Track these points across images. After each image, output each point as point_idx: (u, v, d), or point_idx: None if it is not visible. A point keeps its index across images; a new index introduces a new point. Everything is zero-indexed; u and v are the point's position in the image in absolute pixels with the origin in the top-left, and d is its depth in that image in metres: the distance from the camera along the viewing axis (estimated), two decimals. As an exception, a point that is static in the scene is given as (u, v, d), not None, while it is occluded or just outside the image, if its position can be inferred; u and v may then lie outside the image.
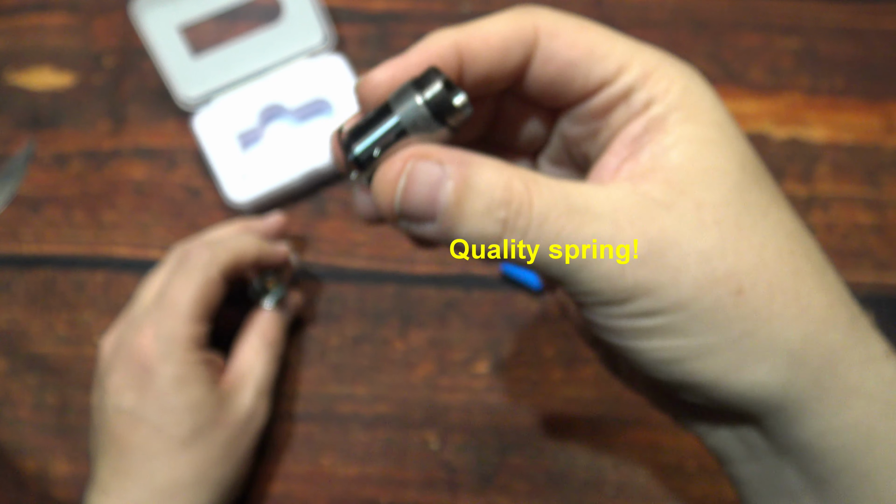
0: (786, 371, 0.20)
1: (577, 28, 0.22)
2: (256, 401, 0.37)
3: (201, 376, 0.35)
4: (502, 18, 0.22)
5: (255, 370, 0.37)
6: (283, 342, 0.40)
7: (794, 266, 0.21)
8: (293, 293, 0.40)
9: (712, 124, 0.22)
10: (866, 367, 0.21)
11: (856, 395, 0.21)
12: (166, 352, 0.34)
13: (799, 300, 0.20)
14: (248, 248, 0.38)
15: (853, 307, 0.22)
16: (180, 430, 0.34)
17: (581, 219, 0.20)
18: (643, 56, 0.22)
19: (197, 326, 0.35)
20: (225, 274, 0.36)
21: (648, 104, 0.22)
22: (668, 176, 0.21)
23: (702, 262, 0.20)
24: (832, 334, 0.21)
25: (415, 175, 0.20)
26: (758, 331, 0.20)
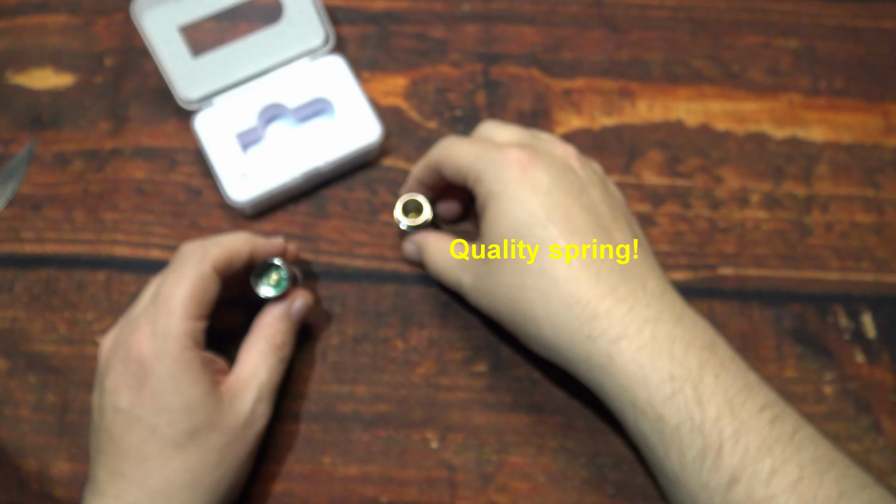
0: (545, 351, 0.37)
1: (447, 156, 0.38)
2: (257, 405, 0.37)
3: (198, 376, 0.35)
4: (425, 158, 0.41)
5: (258, 374, 0.37)
6: (290, 346, 0.39)
7: (522, 296, 0.35)
8: (300, 294, 0.40)
9: (494, 210, 0.36)
10: (574, 348, 0.34)
11: (572, 362, 0.35)
12: (162, 350, 0.34)
13: (525, 315, 0.36)
14: (242, 244, 0.37)
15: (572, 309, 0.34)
16: (174, 431, 0.34)
17: (447, 270, 0.40)
18: (474, 169, 0.37)
19: (192, 323, 0.35)
20: (218, 269, 0.36)
21: (476, 197, 0.37)
22: (479, 240, 0.38)
23: (484, 297, 0.38)
24: (549, 331, 0.35)
25: (407, 249, 0.43)
26: (519, 330, 0.37)
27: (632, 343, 0.33)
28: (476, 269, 0.38)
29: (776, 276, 0.43)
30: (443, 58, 0.48)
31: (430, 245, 0.41)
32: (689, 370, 0.32)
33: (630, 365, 0.33)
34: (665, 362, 0.33)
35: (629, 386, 0.33)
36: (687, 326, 0.34)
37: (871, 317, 0.42)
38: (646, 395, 0.33)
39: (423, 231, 0.42)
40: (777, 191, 0.45)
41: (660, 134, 0.46)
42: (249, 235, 0.38)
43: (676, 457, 0.32)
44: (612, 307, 0.34)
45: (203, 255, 0.36)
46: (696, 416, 0.32)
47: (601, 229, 0.36)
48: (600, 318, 0.34)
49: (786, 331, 0.42)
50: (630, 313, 0.34)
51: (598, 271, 0.34)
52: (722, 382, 0.32)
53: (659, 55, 0.48)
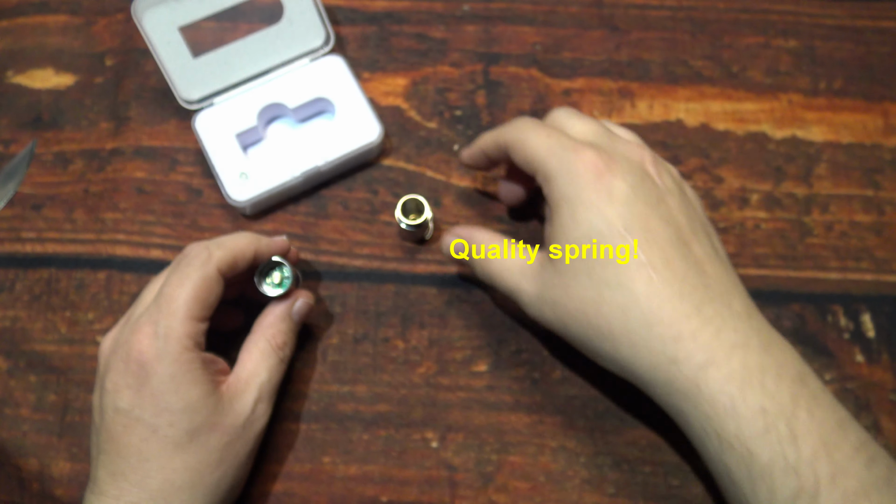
0: (613, 365, 0.35)
1: (521, 142, 0.36)
2: (257, 405, 0.36)
3: (198, 377, 0.34)
4: (496, 133, 0.39)
5: (259, 374, 0.37)
6: (291, 347, 0.39)
7: (598, 311, 0.33)
8: (302, 294, 0.40)
9: (568, 215, 0.34)
10: (654, 370, 0.33)
11: (652, 385, 0.33)
12: (163, 350, 0.34)
13: (601, 330, 0.33)
14: (246, 245, 0.37)
15: (654, 328, 0.32)
16: (175, 431, 0.34)
17: (505, 272, 0.37)
18: (546, 166, 0.35)
19: (194, 324, 0.35)
20: (222, 271, 0.36)
21: (546, 196, 0.35)
22: (547, 247, 0.35)
23: (550, 309, 0.35)
24: (626, 350, 0.33)
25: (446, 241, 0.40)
26: (586, 345, 0.35)
27: (720, 370, 0.31)
28: (542, 276, 0.35)
29: (776, 276, 0.43)
30: (443, 58, 0.48)
31: (481, 243, 0.38)
32: (782, 404, 0.30)
33: (718, 395, 0.31)
34: (756, 394, 0.30)
35: (716, 416, 0.31)
36: (776, 354, 0.32)
37: (871, 317, 0.42)
38: (734, 429, 0.30)
39: (469, 227, 0.39)
40: (777, 191, 0.45)
41: (659, 134, 0.46)
42: (254, 235, 0.38)
43: (766, 496, 0.30)
44: (697, 329, 0.31)
45: (208, 256, 0.36)
46: (791, 455, 0.29)
47: (681, 242, 0.33)
48: (685, 340, 0.31)
49: (785, 330, 0.42)
50: (717, 337, 0.31)
51: (681, 288, 0.32)
52: (816, 419, 0.30)
53: (659, 55, 0.48)
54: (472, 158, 0.41)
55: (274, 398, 0.38)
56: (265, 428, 0.37)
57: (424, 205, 0.42)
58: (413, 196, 0.42)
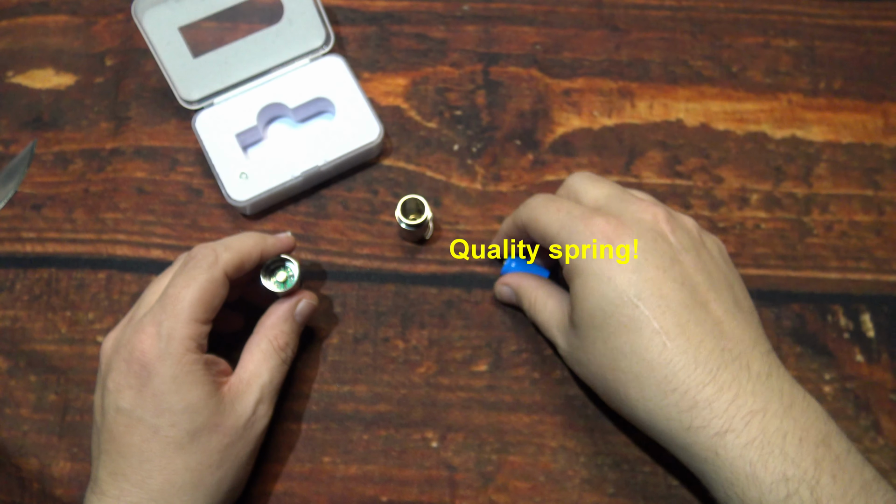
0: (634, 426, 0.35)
1: (534, 220, 0.37)
2: (258, 406, 0.36)
3: (200, 378, 0.34)
4: (511, 217, 0.39)
5: (260, 375, 0.37)
6: (293, 348, 0.39)
7: (615, 377, 0.34)
8: (305, 295, 0.40)
9: (581, 286, 0.34)
10: (672, 435, 0.33)
11: (672, 447, 0.33)
12: (165, 351, 0.34)
13: (619, 395, 0.34)
14: (252, 247, 0.37)
15: (669, 397, 0.32)
16: (176, 432, 0.34)
17: (547, 326, 0.39)
18: (560, 237, 0.35)
19: (197, 326, 0.35)
20: (229, 274, 0.36)
21: (563, 266, 0.36)
22: (572, 308, 0.35)
23: (578, 366, 0.37)
24: (641, 415, 0.33)
25: (501, 290, 0.42)
26: (610, 404, 0.36)
27: (738, 438, 0.30)
28: (569, 338, 0.36)
29: (776, 276, 0.43)
30: (443, 58, 0.48)
31: (528, 294, 0.40)
32: (805, 470, 0.30)
33: (738, 461, 0.30)
34: (777, 461, 0.30)
35: (737, 482, 0.30)
36: (797, 416, 0.31)
37: (871, 316, 0.42)
38: (757, 495, 0.30)
39: (519, 275, 0.41)
40: (776, 191, 0.45)
41: (659, 134, 0.46)
42: (260, 236, 0.38)
43: None
44: (713, 396, 0.31)
45: (215, 259, 0.36)
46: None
47: (697, 304, 0.33)
48: (700, 408, 0.31)
49: (785, 330, 0.42)
50: (734, 403, 0.31)
51: (695, 355, 0.32)
52: (840, 484, 0.30)
53: (659, 55, 0.48)
54: (500, 243, 0.41)
55: (275, 399, 0.38)
56: (266, 428, 0.37)
57: (424, 205, 0.42)
58: (413, 196, 0.42)
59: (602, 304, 0.33)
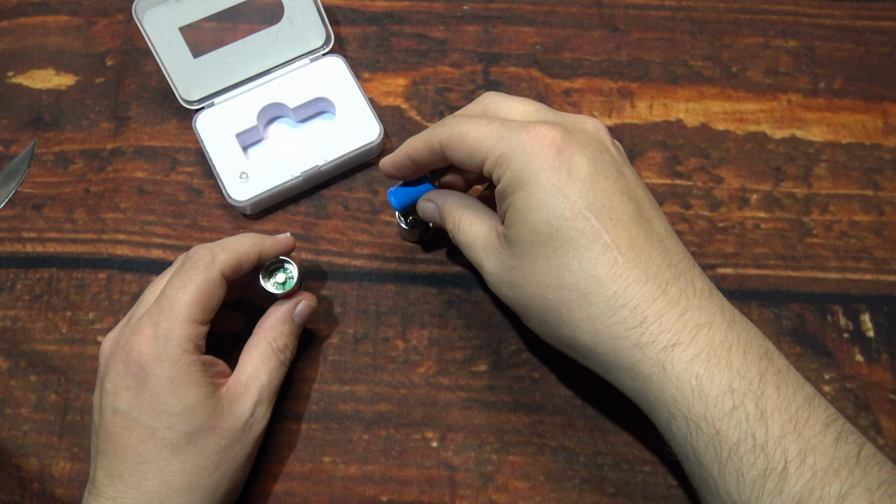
0: (570, 351, 0.34)
1: (459, 137, 0.33)
2: (256, 408, 0.36)
3: (198, 380, 0.34)
4: (424, 136, 0.35)
5: (259, 377, 0.37)
6: (292, 349, 0.39)
7: (558, 296, 0.32)
8: (304, 297, 0.39)
9: (523, 198, 0.32)
10: (617, 354, 0.31)
11: (614, 369, 0.32)
12: (162, 352, 0.34)
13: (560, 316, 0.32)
14: (250, 248, 0.37)
15: (618, 314, 0.31)
16: (172, 434, 0.34)
17: (471, 249, 0.36)
18: (496, 150, 0.32)
19: (194, 327, 0.35)
20: (226, 275, 0.36)
21: (498, 180, 0.33)
22: (505, 228, 0.33)
23: (510, 289, 0.34)
24: (585, 336, 0.32)
25: (424, 207, 0.39)
26: (543, 329, 0.34)
27: (686, 351, 0.30)
28: (501, 259, 0.33)
29: (775, 276, 0.43)
30: (443, 58, 0.48)
31: (452, 213, 0.36)
32: (750, 382, 0.29)
33: (684, 375, 0.30)
34: (723, 373, 0.29)
35: (682, 398, 0.30)
36: (740, 331, 0.31)
37: (870, 316, 0.42)
38: (702, 409, 0.29)
39: (445, 191, 0.38)
40: (776, 191, 0.45)
41: (659, 134, 0.46)
42: (258, 236, 0.38)
43: (734, 477, 0.29)
44: (662, 310, 0.30)
45: (212, 260, 0.36)
46: (759, 433, 0.29)
47: (643, 219, 0.32)
48: (650, 322, 0.30)
49: (785, 330, 0.42)
50: (682, 317, 0.30)
51: (646, 269, 0.31)
52: (784, 395, 0.29)
53: (658, 55, 0.48)
54: (395, 167, 0.37)
55: (274, 401, 0.38)
56: (264, 430, 0.37)
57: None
58: None
59: (550, 218, 0.31)
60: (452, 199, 0.37)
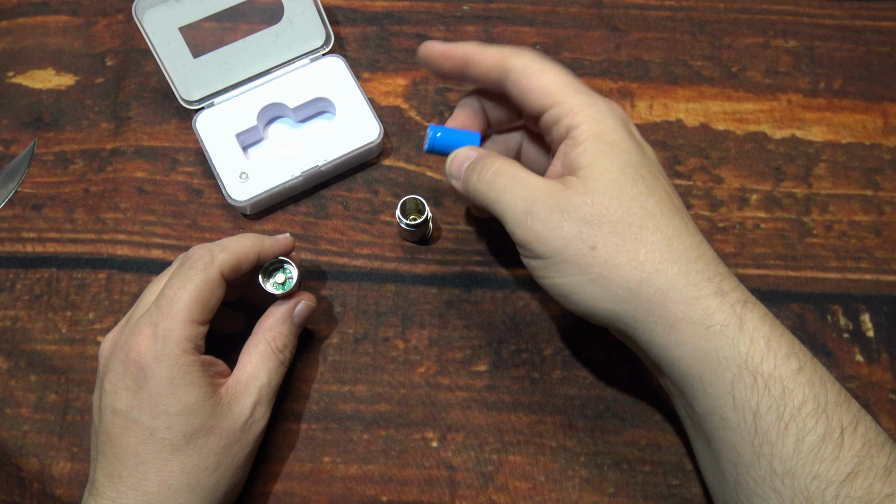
0: (627, 304, 0.32)
1: (538, 70, 0.34)
2: (256, 408, 0.36)
3: (197, 380, 0.34)
4: (497, 49, 0.35)
5: (258, 377, 0.37)
6: (291, 349, 0.39)
7: (639, 235, 0.31)
8: (304, 297, 0.39)
9: (609, 143, 0.32)
10: (692, 303, 0.31)
11: (682, 322, 0.31)
12: (161, 352, 0.34)
13: (637, 255, 0.31)
14: (250, 248, 0.37)
15: (696, 263, 0.31)
16: (172, 434, 0.34)
17: (516, 182, 0.33)
18: (573, 98, 0.33)
19: (194, 327, 0.35)
20: (225, 275, 0.36)
21: (569, 129, 0.33)
22: (575, 172, 0.33)
23: (574, 226, 0.32)
24: (661, 279, 0.31)
25: (455, 156, 0.37)
26: (608, 275, 0.31)
27: (755, 310, 0.31)
28: (570, 197, 0.32)
29: (775, 276, 0.43)
30: (443, 58, 0.48)
31: (489, 163, 0.34)
32: (804, 350, 0.30)
33: (757, 332, 0.30)
34: (786, 337, 0.31)
35: (755, 354, 0.30)
36: None
37: (870, 316, 0.42)
38: (772, 367, 0.30)
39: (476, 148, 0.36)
40: (776, 191, 0.45)
41: (659, 134, 0.46)
42: (258, 237, 0.38)
43: (793, 441, 0.29)
44: (726, 273, 0.32)
45: (211, 260, 0.36)
46: (822, 397, 0.29)
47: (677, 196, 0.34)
48: (722, 278, 0.31)
49: (785, 330, 0.42)
50: (739, 285, 0.32)
51: (700, 234, 0.33)
52: (825, 371, 0.30)
53: (658, 55, 0.48)
54: (443, 58, 0.35)
55: (273, 401, 0.38)
56: (264, 431, 0.37)
57: (424, 205, 0.42)
58: (413, 196, 0.42)
59: (628, 169, 0.32)
60: (495, 155, 0.35)
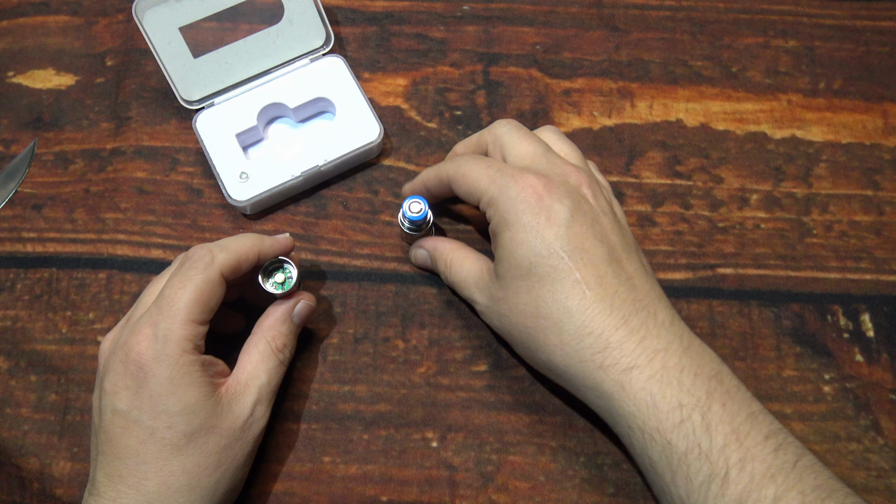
0: (550, 374, 0.37)
1: (462, 175, 0.38)
2: (256, 408, 0.36)
3: (197, 379, 0.34)
4: (436, 169, 0.40)
5: (258, 377, 0.37)
6: (291, 349, 0.39)
7: (535, 324, 0.36)
8: (304, 297, 0.39)
9: (509, 237, 0.36)
10: (584, 377, 0.35)
11: (584, 389, 0.36)
12: (161, 352, 0.34)
13: (537, 342, 0.36)
14: (249, 248, 0.37)
15: (584, 340, 0.35)
16: (172, 433, 0.34)
17: (464, 285, 0.40)
18: (487, 193, 0.37)
19: (194, 327, 0.35)
20: (225, 275, 0.36)
21: (489, 220, 0.37)
22: (495, 264, 0.38)
23: (497, 319, 0.38)
24: (559, 359, 0.36)
25: (416, 254, 0.43)
26: (526, 354, 0.38)
27: (642, 373, 0.34)
28: (490, 291, 0.38)
29: (775, 276, 0.43)
30: (443, 58, 0.48)
31: (444, 256, 0.41)
32: (698, 399, 0.33)
33: (640, 393, 0.33)
34: (674, 391, 0.33)
35: (638, 414, 0.34)
36: (694, 356, 0.34)
37: (870, 316, 0.42)
38: (655, 423, 0.33)
39: (434, 238, 0.42)
40: (776, 191, 0.45)
41: (659, 134, 0.46)
42: (257, 237, 0.38)
43: (683, 482, 0.32)
44: (624, 338, 0.34)
45: (211, 260, 0.36)
46: (704, 443, 0.32)
47: (613, 259, 0.36)
48: (612, 348, 0.34)
49: (785, 330, 0.42)
50: (641, 344, 0.34)
51: (611, 303, 0.35)
52: (728, 411, 0.33)
53: (658, 55, 0.48)
54: (414, 192, 0.42)
55: (273, 400, 0.38)
56: (264, 430, 0.37)
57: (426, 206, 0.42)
58: (416, 198, 0.42)
59: (529, 255, 0.35)
60: (443, 244, 0.41)
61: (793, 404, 0.41)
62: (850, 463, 0.39)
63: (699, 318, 0.42)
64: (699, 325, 0.42)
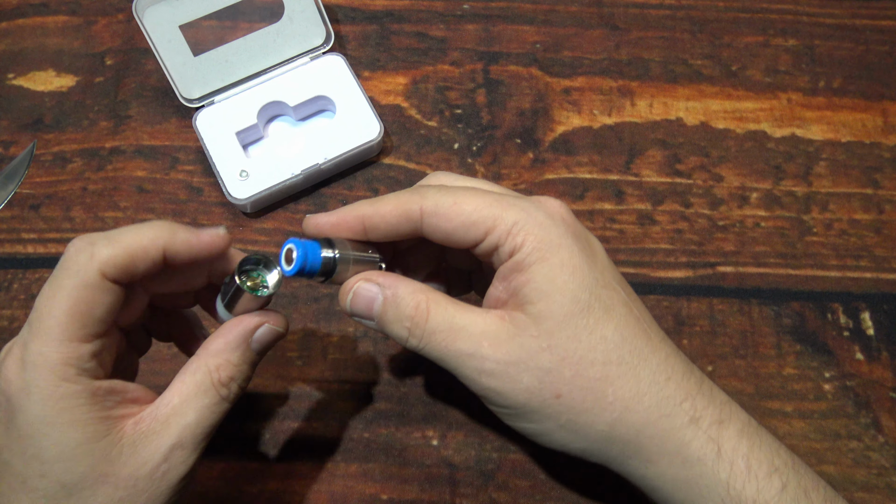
0: (600, 444, 0.29)
1: (452, 204, 0.29)
2: (174, 452, 0.27)
3: (80, 416, 0.26)
4: (394, 200, 0.30)
5: (184, 414, 0.28)
6: (241, 384, 0.29)
7: (604, 373, 0.28)
8: (272, 317, 0.30)
9: (557, 266, 0.28)
10: (666, 437, 0.28)
11: (658, 456, 0.28)
12: (31, 383, 0.26)
13: (605, 396, 0.28)
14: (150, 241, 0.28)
15: (666, 388, 0.28)
16: (46, 483, 0.26)
17: (456, 335, 0.29)
18: (506, 218, 0.29)
19: (75, 347, 0.26)
20: (111, 275, 0.27)
21: (512, 252, 0.29)
22: (523, 308, 0.29)
23: (534, 377, 0.28)
24: (633, 417, 0.28)
25: (358, 292, 0.30)
26: (577, 419, 0.29)
27: (730, 427, 0.28)
28: (522, 343, 0.28)
29: (775, 274, 0.43)
30: (443, 57, 0.48)
31: (414, 297, 0.30)
32: (784, 460, 0.28)
33: (736, 454, 0.28)
34: (764, 450, 0.28)
35: (735, 482, 0.27)
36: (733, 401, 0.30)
37: (870, 314, 0.42)
38: (754, 492, 0.27)
39: (397, 276, 0.30)
40: (776, 189, 0.45)
41: (659, 132, 0.46)
42: (167, 226, 0.28)
43: None
44: (696, 384, 0.28)
45: (88, 257, 0.27)
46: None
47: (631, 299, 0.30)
48: (693, 396, 0.28)
49: (785, 328, 0.42)
50: (711, 392, 0.29)
51: (665, 339, 0.29)
52: (809, 472, 0.29)
53: (658, 54, 0.48)
54: (336, 228, 0.31)
55: (204, 446, 0.29)
56: (187, 480, 0.28)
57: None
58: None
59: (588, 284, 0.28)
60: (405, 285, 0.30)
61: (793, 402, 0.41)
62: (850, 461, 0.39)
63: (699, 316, 0.42)
64: (699, 324, 0.42)
